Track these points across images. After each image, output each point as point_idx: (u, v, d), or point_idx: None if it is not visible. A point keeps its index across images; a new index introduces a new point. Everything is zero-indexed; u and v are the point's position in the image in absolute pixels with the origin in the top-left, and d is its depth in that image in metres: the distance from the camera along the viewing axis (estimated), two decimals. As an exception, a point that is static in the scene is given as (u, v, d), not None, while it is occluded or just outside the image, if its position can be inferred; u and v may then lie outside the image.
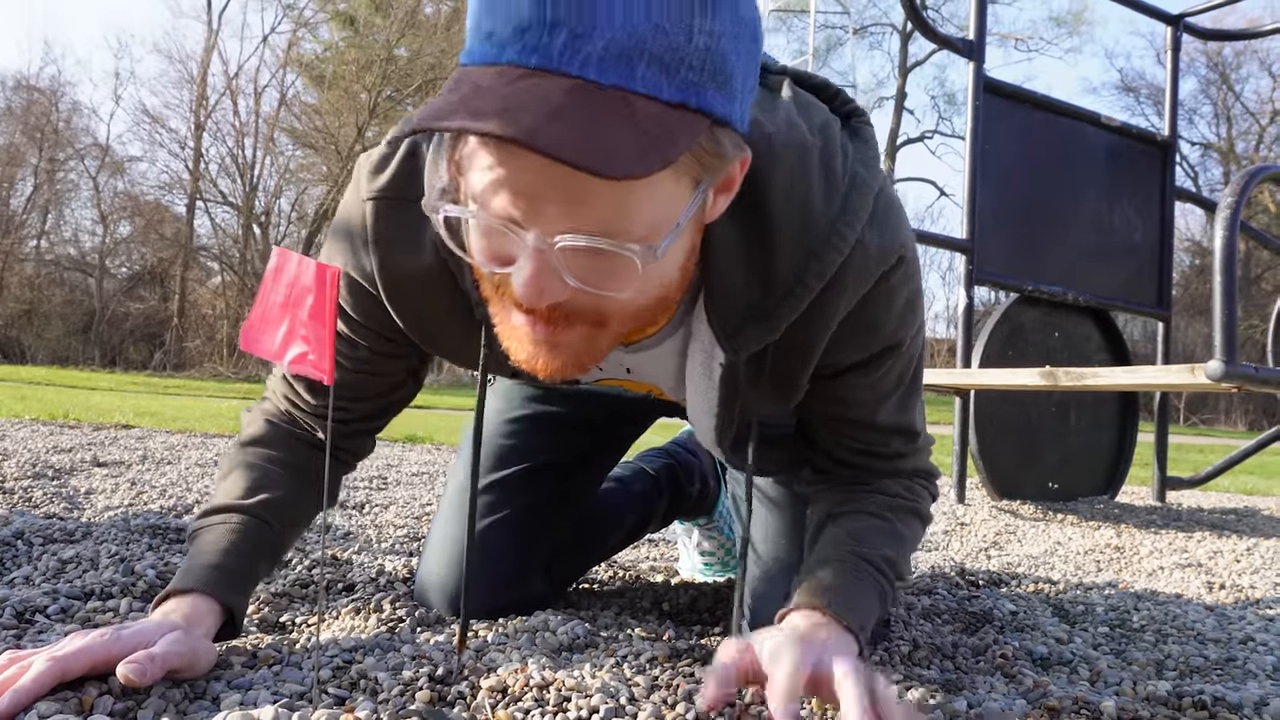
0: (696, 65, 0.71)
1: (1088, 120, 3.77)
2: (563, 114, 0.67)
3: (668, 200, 0.77)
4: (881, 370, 1.06)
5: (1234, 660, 1.33)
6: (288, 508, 1.13)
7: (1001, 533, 2.81)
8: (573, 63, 0.69)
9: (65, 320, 24.61)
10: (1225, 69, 28.81)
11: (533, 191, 0.73)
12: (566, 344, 0.84)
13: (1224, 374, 2.28)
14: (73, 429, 4.48)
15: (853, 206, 0.92)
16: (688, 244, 0.84)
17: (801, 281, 0.92)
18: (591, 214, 0.73)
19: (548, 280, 0.77)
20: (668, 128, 0.70)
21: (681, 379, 1.16)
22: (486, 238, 0.79)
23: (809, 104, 0.96)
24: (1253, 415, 23.95)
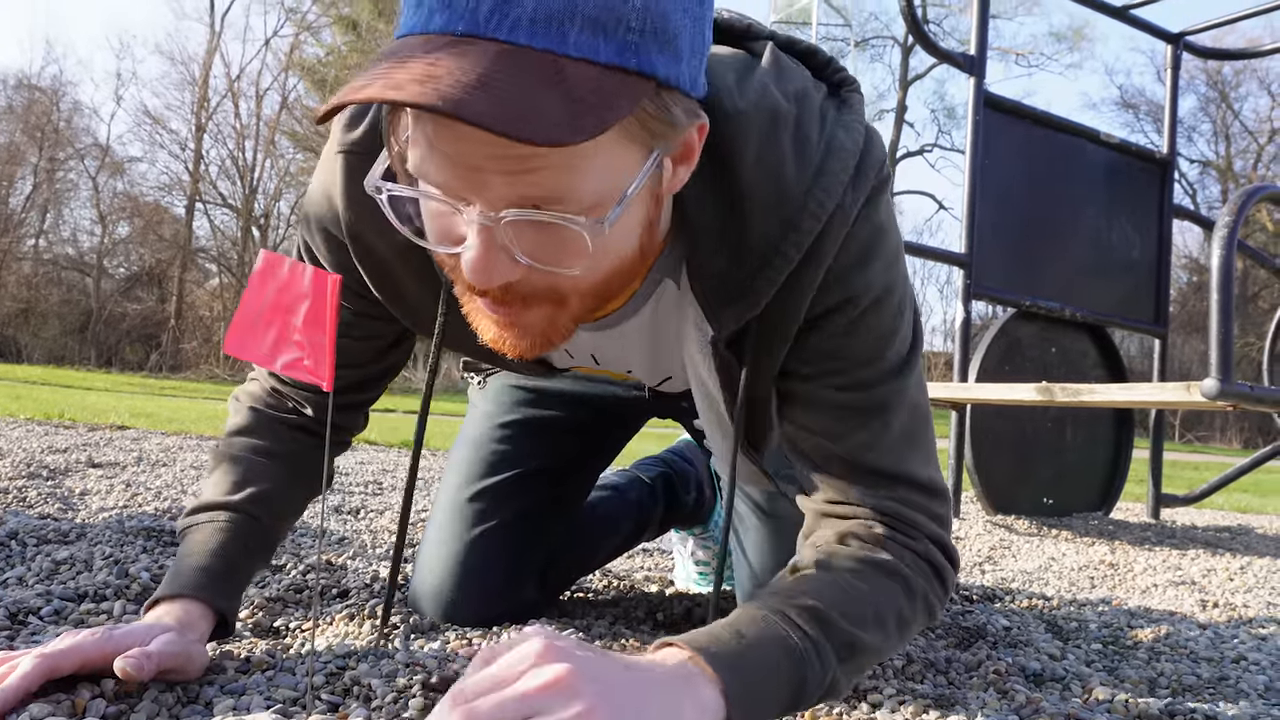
0: (635, 26, 0.68)
1: (1087, 136, 3.79)
2: (488, 81, 0.63)
3: (615, 169, 0.73)
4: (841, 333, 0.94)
5: (1226, 679, 1.33)
6: (277, 500, 1.12)
7: (996, 547, 2.81)
8: (501, 27, 0.65)
9: (62, 320, 24.58)
10: (1224, 87, 28.93)
11: (471, 164, 0.70)
12: (529, 324, 0.82)
13: (1219, 392, 2.29)
14: (68, 429, 4.47)
15: (830, 170, 0.87)
16: (643, 215, 0.81)
17: (779, 251, 0.88)
18: (533, 185, 0.70)
19: (496, 259, 0.74)
20: (604, 92, 0.67)
21: (655, 362, 1.13)
22: (434, 218, 0.77)
23: (788, 71, 0.92)
24: (1248, 433, 23.97)
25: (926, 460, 1.01)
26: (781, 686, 0.80)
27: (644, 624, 1.44)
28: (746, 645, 0.80)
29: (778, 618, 0.84)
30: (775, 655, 0.81)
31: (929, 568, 0.97)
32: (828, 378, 0.96)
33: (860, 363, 0.96)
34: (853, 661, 0.88)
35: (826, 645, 0.84)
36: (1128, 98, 32.76)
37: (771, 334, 0.94)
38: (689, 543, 1.80)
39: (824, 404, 0.98)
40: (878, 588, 0.92)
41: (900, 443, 0.98)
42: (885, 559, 0.94)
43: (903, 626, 0.94)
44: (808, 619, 0.84)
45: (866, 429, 0.97)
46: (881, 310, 0.95)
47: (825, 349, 0.95)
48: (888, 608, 0.91)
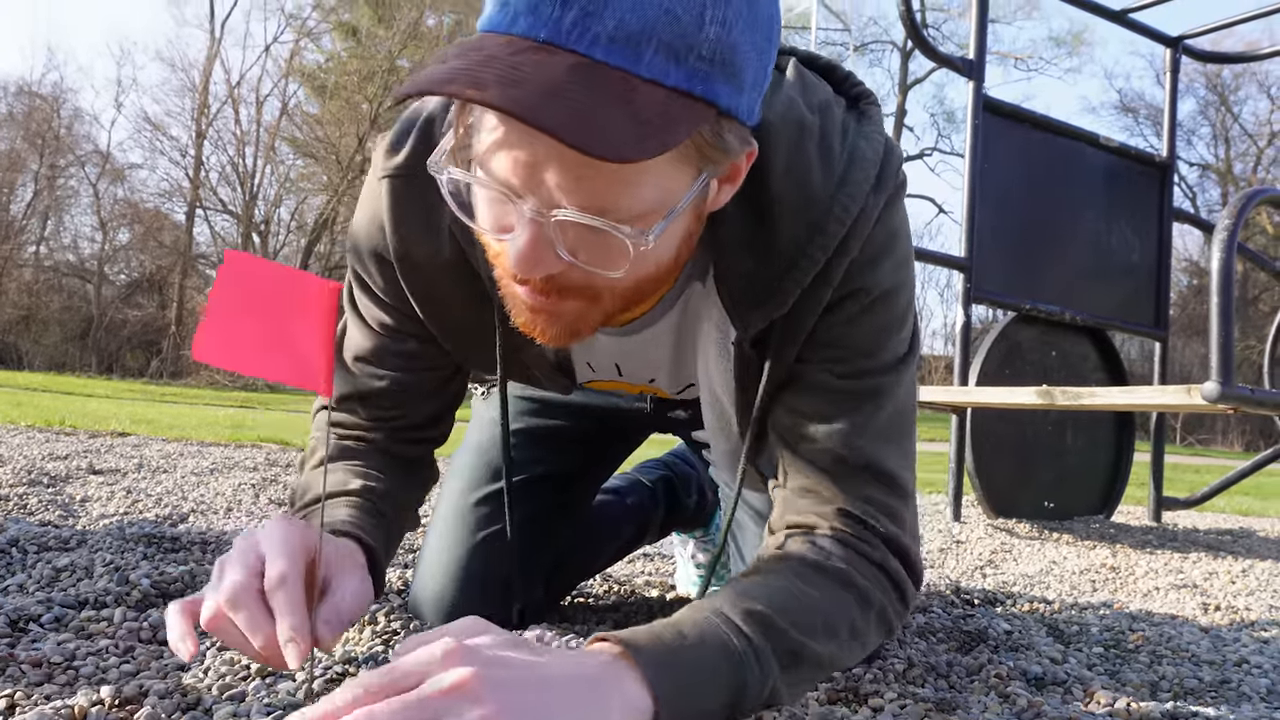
0: (706, 54, 0.71)
1: (1086, 140, 3.79)
2: (564, 91, 0.67)
3: (666, 186, 0.77)
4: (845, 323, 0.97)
5: (1228, 682, 1.33)
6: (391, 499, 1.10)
7: (997, 551, 2.81)
8: (581, 40, 0.69)
9: (63, 326, 24.60)
10: (1224, 91, 28.95)
11: (533, 161, 0.73)
12: (561, 314, 0.84)
13: (1220, 395, 2.29)
14: (69, 436, 4.48)
15: (853, 178, 0.92)
16: (684, 230, 0.84)
17: (806, 254, 0.92)
18: (589, 191, 0.74)
19: (542, 251, 0.77)
20: (669, 115, 0.70)
21: (677, 368, 1.15)
22: (488, 204, 0.80)
23: (811, 84, 0.96)
24: (1249, 436, 23.96)
25: (903, 460, 1.01)
26: (718, 690, 0.78)
27: (645, 629, 1.44)
28: (683, 645, 0.78)
29: (719, 619, 0.82)
30: (712, 657, 0.79)
31: (888, 580, 0.96)
32: (825, 363, 0.99)
33: (859, 352, 0.99)
34: (796, 670, 0.85)
35: (768, 651, 0.82)
36: (1127, 101, 32.83)
37: (794, 333, 0.98)
38: (689, 545, 1.80)
39: (817, 387, 0.99)
40: (830, 597, 0.90)
41: (882, 435, 0.99)
42: (842, 569, 0.92)
43: (855, 637, 0.92)
44: (752, 623, 0.82)
45: (853, 415, 0.98)
46: (887, 306, 0.98)
47: (828, 336, 0.98)
48: (840, 618, 0.90)
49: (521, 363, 1.16)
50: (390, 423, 1.15)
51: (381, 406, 1.14)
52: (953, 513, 3.53)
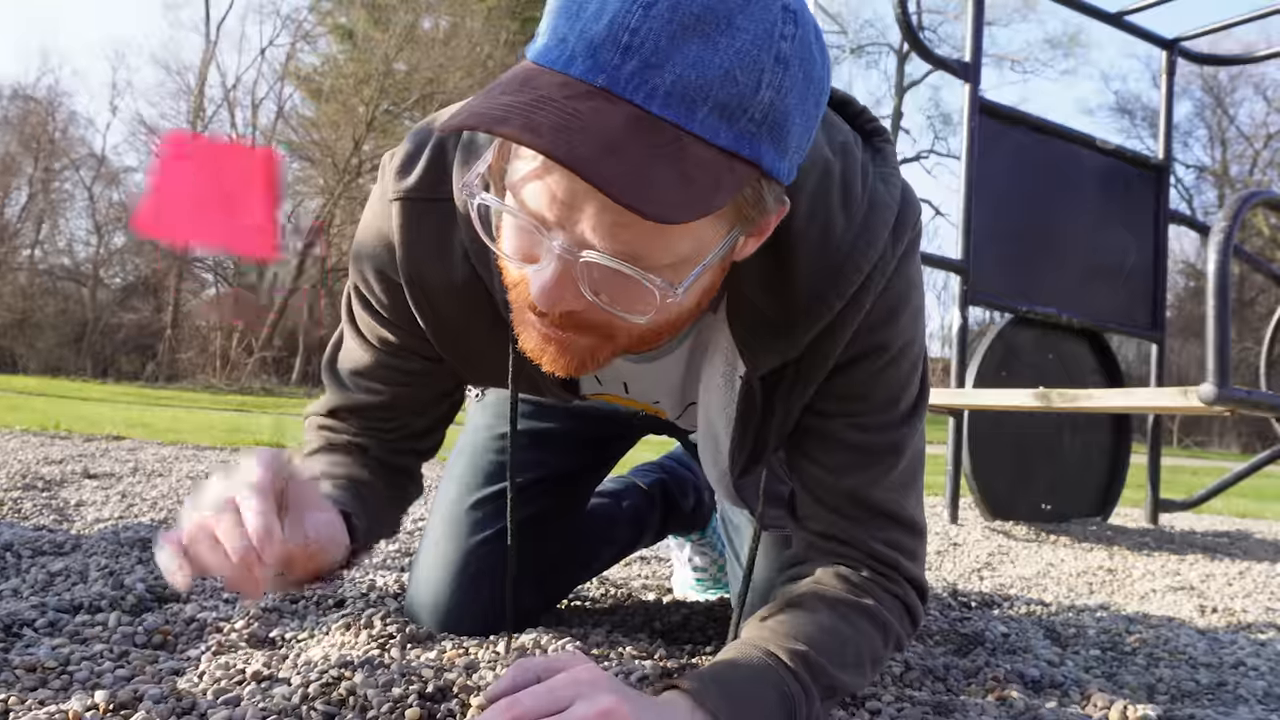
0: (758, 118, 0.71)
1: (1083, 143, 3.79)
2: (618, 147, 0.67)
3: (700, 240, 0.77)
4: (868, 377, 1.00)
5: (1225, 685, 1.33)
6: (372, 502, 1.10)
7: (994, 553, 2.81)
8: (638, 92, 0.68)
9: (58, 330, 24.55)
10: (1220, 93, 29.00)
11: (571, 201, 0.73)
12: (574, 348, 0.84)
13: (1217, 397, 2.29)
14: (64, 440, 4.47)
15: (872, 226, 0.92)
16: (709, 281, 0.84)
17: (823, 300, 0.92)
18: (624, 239, 0.73)
19: (566, 288, 0.77)
20: (715, 175, 0.70)
21: (683, 393, 1.15)
22: (516, 232, 0.79)
23: (831, 123, 0.96)
24: (1246, 438, 23.99)
25: (917, 502, 1.07)
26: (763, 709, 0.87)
27: (641, 632, 1.44)
28: (742, 688, 0.87)
29: (773, 663, 0.90)
30: (770, 699, 0.88)
31: (904, 609, 1.03)
32: (848, 417, 1.01)
33: (879, 406, 1.01)
34: (831, 700, 0.96)
35: (814, 688, 0.91)
36: (1123, 103, 32.89)
37: (806, 377, 0.99)
38: (686, 549, 1.80)
39: (840, 441, 1.02)
40: (860, 631, 0.98)
41: (899, 484, 1.04)
42: (870, 605, 0.99)
43: (875, 665, 1.01)
44: (800, 664, 0.91)
45: (874, 468, 1.02)
46: (904, 359, 1.01)
47: (851, 391, 1.00)
48: (866, 651, 0.98)
49: (529, 376, 1.16)
50: (383, 433, 1.15)
51: (376, 419, 1.14)
52: (950, 515, 3.53)
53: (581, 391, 1.22)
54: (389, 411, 1.13)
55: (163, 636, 1.16)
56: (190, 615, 1.25)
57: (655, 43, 0.68)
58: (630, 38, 0.68)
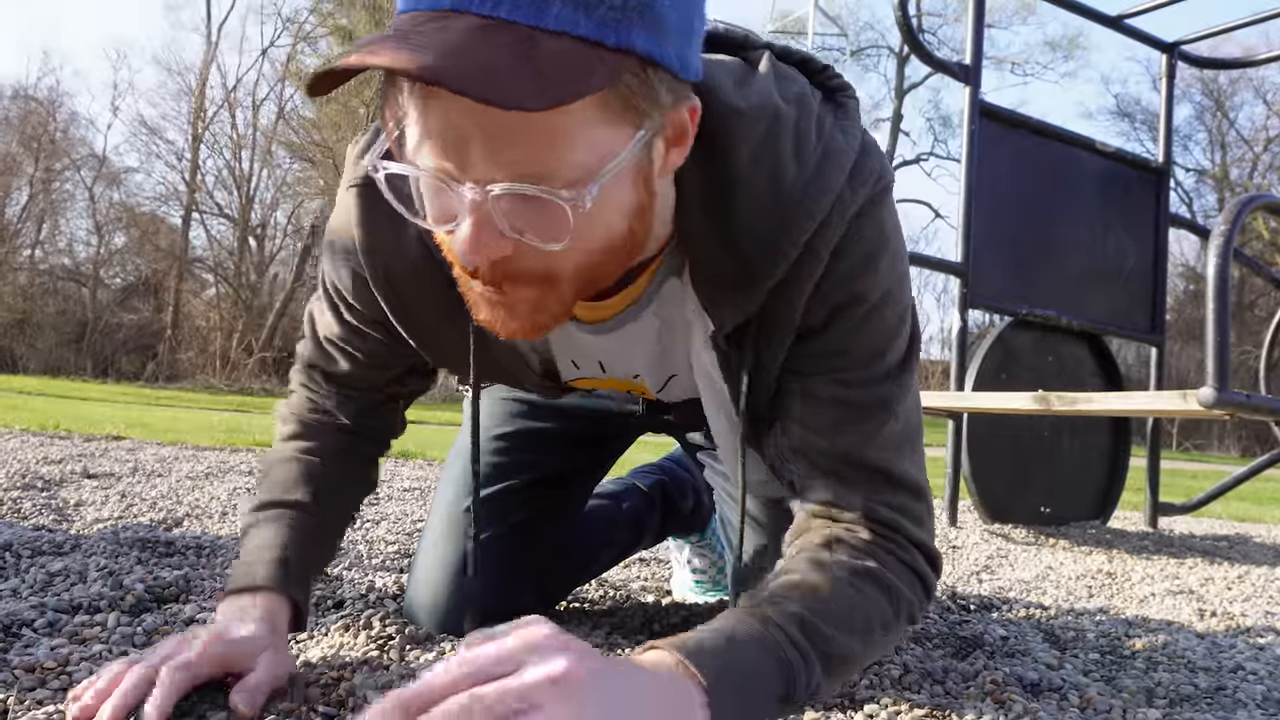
0: (618, 3, 0.70)
1: (1083, 145, 3.80)
2: (462, 50, 0.66)
3: (599, 145, 0.75)
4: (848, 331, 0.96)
5: (1224, 689, 1.33)
6: (334, 495, 1.15)
7: (993, 556, 2.81)
8: (485, 3, 0.68)
9: (58, 330, 24.54)
10: (1220, 96, 29.04)
11: (456, 136, 0.72)
12: (519, 303, 0.83)
13: (1216, 401, 2.29)
14: (63, 440, 4.46)
15: (826, 171, 0.89)
16: (632, 198, 0.81)
17: (775, 249, 0.90)
18: (517, 160, 0.72)
19: (486, 234, 0.76)
20: (577, 64, 0.69)
21: (662, 364, 1.14)
22: (431, 196, 0.80)
23: (786, 76, 0.94)
24: (1246, 441, 24.00)
25: (916, 464, 1.02)
26: (769, 699, 0.81)
27: (640, 634, 1.44)
28: (735, 653, 0.80)
29: (767, 627, 0.83)
30: (765, 665, 0.81)
31: (913, 575, 0.97)
32: (831, 374, 0.97)
33: (863, 360, 0.97)
34: (839, 672, 0.89)
35: (814, 655, 0.84)
36: (1123, 106, 32.93)
37: (770, 331, 0.96)
38: (685, 550, 1.80)
39: (825, 400, 0.98)
40: (866, 596, 0.91)
41: (894, 442, 0.99)
42: (873, 567, 0.93)
43: (886, 633, 0.94)
44: (797, 628, 0.84)
45: (865, 425, 0.97)
46: (887, 310, 0.97)
47: (832, 347, 0.96)
48: (875, 616, 0.91)
49: (504, 368, 1.17)
50: (351, 397, 1.19)
51: (341, 384, 1.19)
52: (949, 518, 3.53)
53: (563, 379, 1.22)
54: (348, 379, 1.18)
55: (162, 637, 1.16)
56: (189, 616, 1.25)
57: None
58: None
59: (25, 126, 26.39)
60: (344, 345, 1.15)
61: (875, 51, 33.99)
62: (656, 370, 1.17)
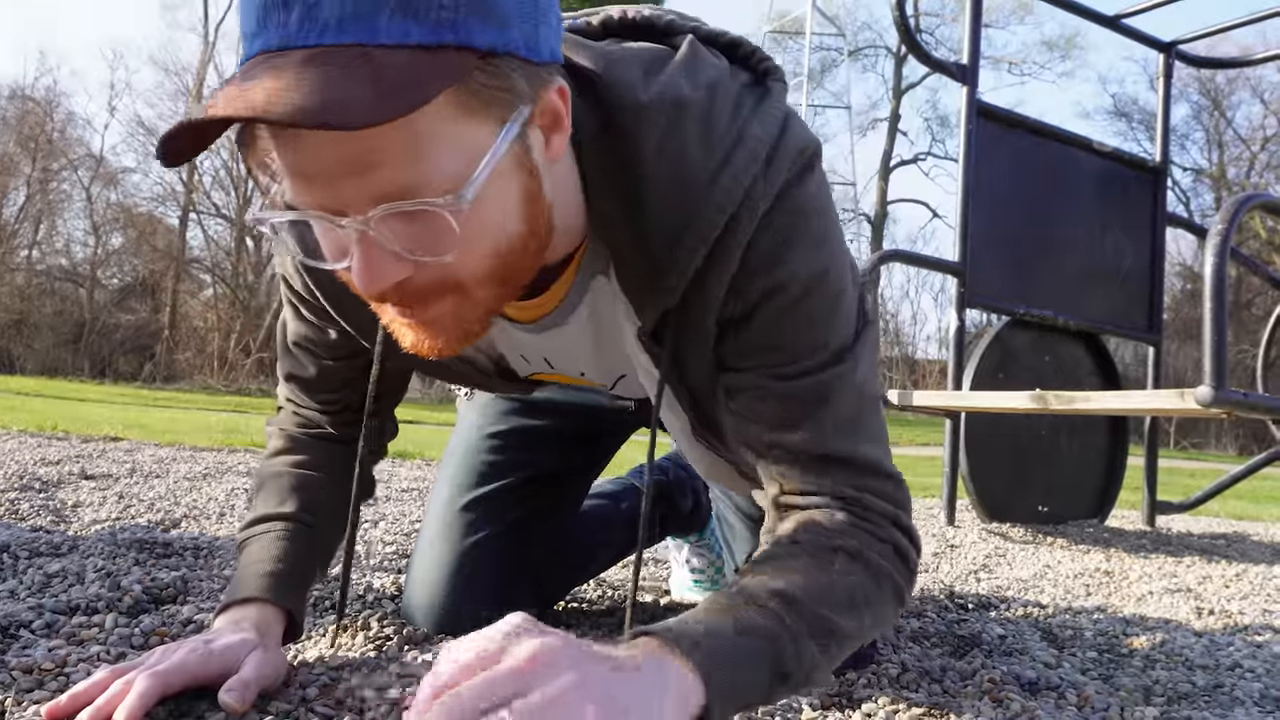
0: (448, 3, 0.69)
1: (1080, 145, 3.80)
2: (296, 83, 0.65)
3: (464, 145, 0.73)
4: (775, 322, 0.92)
5: (1222, 687, 1.33)
6: (327, 504, 1.15)
7: (991, 555, 2.81)
8: (311, 34, 0.67)
9: (55, 331, 24.51)
10: (1217, 95, 29.03)
11: (319, 173, 0.71)
12: (437, 320, 0.82)
13: (1213, 399, 2.29)
14: (61, 441, 4.46)
15: (737, 160, 0.87)
16: (518, 190, 0.79)
17: (684, 244, 0.87)
18: (385, 180, 0.71)
19: (379, 262, 0.75)
20: (416, 71, 0.67)
21: (603, 363, 1.13)
22: (323, 237, 0.79)
23: (702, 62, 0.91)
24: (1243, 440, 24.00)
25: (876, 444, 0.98)
26: (760, 677, 0.79)
27: (639, 634, 1.44)
28: (723, 633, 0.78)
29: (754, 607, 0.81)
30: (754, 642, 0.79)
31: (892, 550, 0.94)
32: (769, 368, 0.94)
33: (800, 351, 0.94)
34: (831, 648, 0.86)
35: (803, 631, 0.82)
36: (1120, 106, 32.94)
37: (688, 325, 0.93)
38: (684, 550, 1.80)
39: (768, 394, 0.95)
40: (844, 572, 0.89)
41: (849, 428, 0.95)
42: (849, 544, 0.91)
43: (873, 611, 0.91)
44: (784, 606, 0.82)
45: (813, 417, 0.94)
46: (815, 296, 0.92)
47: (762, 340, 0.93)
48: (858, 592, 0.89)
49: (454, 370, 1.17)
50: (331, 405, 1.19)
51: (318, 389, 1.18)
52: (947, 517, 3.53)
53: (519, 374, 1.21)
54: (329, 386, 1.17)
55: (160, 638, 1.16)
56: (187, 617, 1.25)
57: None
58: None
59: (22, 126, 26.36)
60: (310, 347, 1.14)
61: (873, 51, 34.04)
62: (600, 370, 1.16)
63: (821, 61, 32.62)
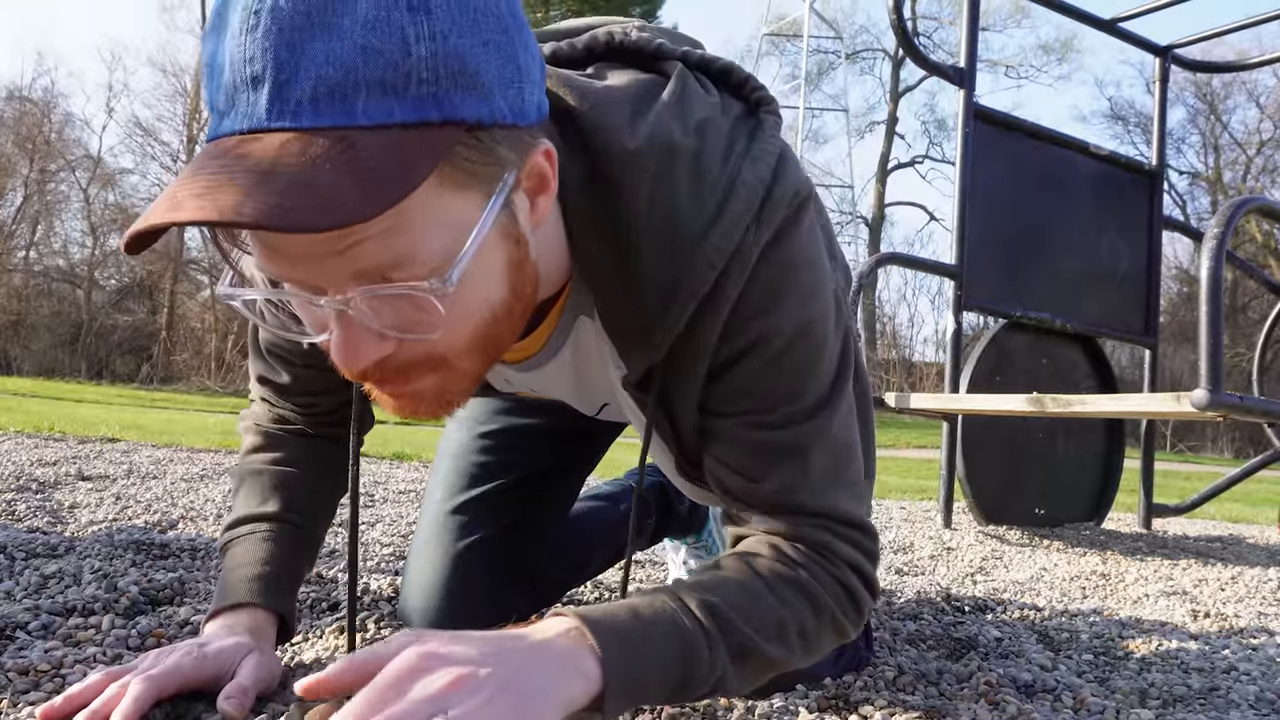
0: (428, 76, 0.65)
1: (1077, 149, 3.80)
2: (271, 176, 0.61)
3: (451, 222, 0.70)
4: (757, 372, 0.90)
5: (1217, 689, 1.34)
6: (307, 502, 1.15)
7: (988, 558, 2.81)
8: (284, 115, 0.63)
9: (52, 332, 24.47)
10: (1213, 99, 29.06)
11: (299, 254, 0.68)
12: (421, 393, 0.79)
13: (1209, 403, 2.29)
14: (58, 442, 4.45)
15: (730, 212, 0.84)
16: (503, 260, 0.76)
17: (675, 299, 0.85)
18: (367, 259, 0.68)
19: (360, 340, 0.73)
20: (401, 155, 0.64)
21: (585, 395, 1.13)
22: (301, 309, 0.76)
23: (692, 99, 0.88)
24: (1239, 443, 24.03)
25: (852, 496, 0.97)
26: (667, 670, 0.80)
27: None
28: (637, 623, 0.80)
29: (676, 604, 0.83)
30: (664, 637, 0.80)
31: (842, 591, 0.94)
32: (746, 416, 0.93)
33: (778, 401, 0.92)
34: (744, 663, 0.86)
35: (719, 640, 0.83)
36: (1117, 110, 33.04)
37: (677, 376, 0.92)
38: (681, 551, 1.80)
39: (743, 442, 0.94)
40: (783, 599, 0.89)
41: (823, 482, 0.95)
42: (800, 576, 0.91)
43: (805, 641, 0.91)
44: (705, 612, 0.83)
45: (787, 469, 0.93)
46: (799, 348, 0.91)
47: (741, 388, 0.92)
48: (790, 620, 0.89)
49: None
50: (306, 409, 1.18)
51: (294, 394, 1.17)
52: (943, 519, 3.54)
53: (497, 389, 1.21)
54: (301, 390, 1.16)
55: (156, 640, 1.16)
56: (184, 618, 1.25)
57: (276, 60, 0.62)
58: (252, 68, 0.63)
59: (20, 128, 26.33)
60: (283, 354, 1.13)
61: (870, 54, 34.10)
62: (584, 401, 1.16)
63: (819, 64, 32.68)
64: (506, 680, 0.70)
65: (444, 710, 0.66)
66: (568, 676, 0.73)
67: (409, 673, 0.69)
